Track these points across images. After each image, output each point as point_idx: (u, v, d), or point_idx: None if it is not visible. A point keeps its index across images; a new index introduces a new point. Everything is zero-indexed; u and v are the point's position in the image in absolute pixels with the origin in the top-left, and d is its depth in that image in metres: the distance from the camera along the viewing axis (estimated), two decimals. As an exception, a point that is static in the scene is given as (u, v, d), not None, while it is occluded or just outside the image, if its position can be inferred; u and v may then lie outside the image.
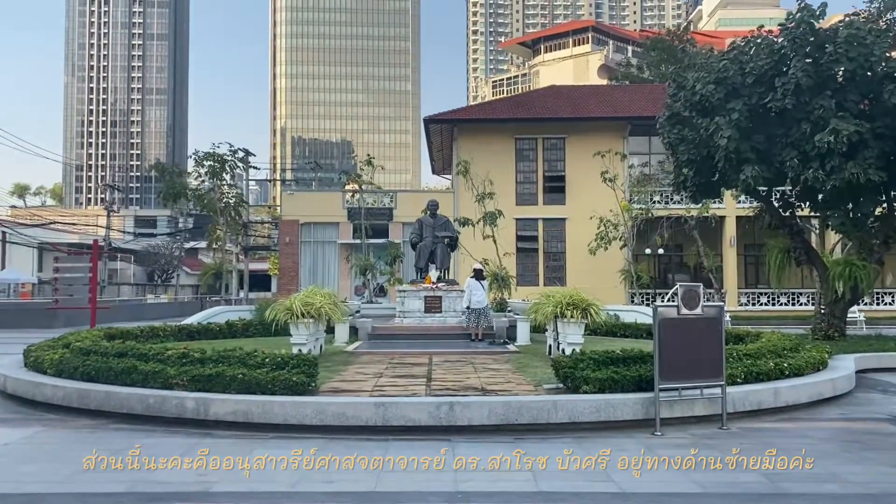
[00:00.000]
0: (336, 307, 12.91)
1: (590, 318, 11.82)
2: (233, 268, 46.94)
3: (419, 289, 17.97)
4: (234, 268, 46.49)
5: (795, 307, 34.92)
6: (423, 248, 18.80)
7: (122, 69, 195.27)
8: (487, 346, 15.15)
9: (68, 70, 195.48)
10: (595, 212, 31.02)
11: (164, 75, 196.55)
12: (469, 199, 25.38)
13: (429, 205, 19.63)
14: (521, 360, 12.73)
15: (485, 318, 16.30)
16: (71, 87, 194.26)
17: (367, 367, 11.63)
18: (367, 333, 16.47)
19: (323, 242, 34.77)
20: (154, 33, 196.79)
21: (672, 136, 17.69)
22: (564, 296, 12.12)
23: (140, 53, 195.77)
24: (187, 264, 79.72)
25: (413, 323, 17.62)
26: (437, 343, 15.62)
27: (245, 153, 45.38)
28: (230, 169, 34.60)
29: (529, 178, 35.47)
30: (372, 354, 13.64)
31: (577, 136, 34.87)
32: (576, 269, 34.01)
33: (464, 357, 13.27)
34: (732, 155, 16.23)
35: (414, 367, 11.62)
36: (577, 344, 11.98)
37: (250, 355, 9.22)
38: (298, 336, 11.96)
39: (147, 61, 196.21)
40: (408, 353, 13.76)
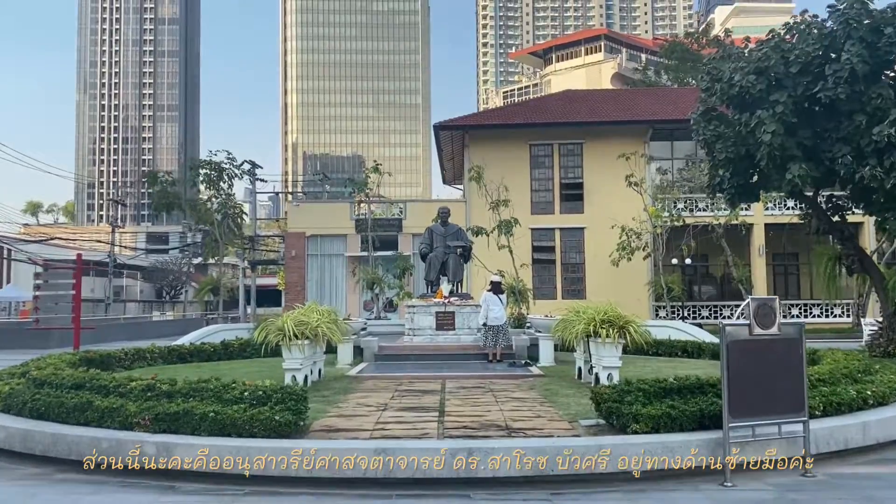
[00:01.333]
0: (336, 326, 11.35)
1: (628, 338, 10.18)
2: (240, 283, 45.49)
3: (430, 304, 16.38)
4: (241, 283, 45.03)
5: (830, 319, 33.04)
6: (434, 260, 17.22)
7: (134, 86, 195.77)
8: (507, 368, 13.52)
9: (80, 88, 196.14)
10: (616, 220, 29.40)
11: (176, 92, 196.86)
12: (482, 207, 23.85)
13: (440, 212, 18.08)
14: (548, 385, 11.10)
15: (503, 337, 14.69)
16: (83, 105, 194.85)
17: (371, 395, 10.03)
18: (374, 354, 14.88)
19: (330, 256, 33.27)
20: (165, 50, 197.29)
21: (707, 133, 16.04)
22: (598, 312, 10.50)
23: (151, 70, 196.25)
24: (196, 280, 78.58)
25: (423, 342, 16.02)
26: (451, 365, 14.02)
27: (252, 165, 44.10)
28: (228, 178, 33.11)
29: (545, 185, 33.86)
30: (377, 379, 12.04)
31: (595, 141, 33.26)
32: (595, 282, 32.33)
33: (481, 382, 11.65)
34: (776, 152, 14.57)
35: (424, 395, 10.02)
36: (613, 368, 10.34)
37: (227, 388, 7.64)
38: (292, 360, 10.39)
39: (158, 78, 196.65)
40: (418, 378, 12.15)
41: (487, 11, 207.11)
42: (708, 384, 7.69)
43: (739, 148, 15.92)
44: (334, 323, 11.55)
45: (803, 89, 14.63)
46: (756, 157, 15.30)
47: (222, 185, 32.97)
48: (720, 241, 29.70)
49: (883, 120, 13.45)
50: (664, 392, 7.45)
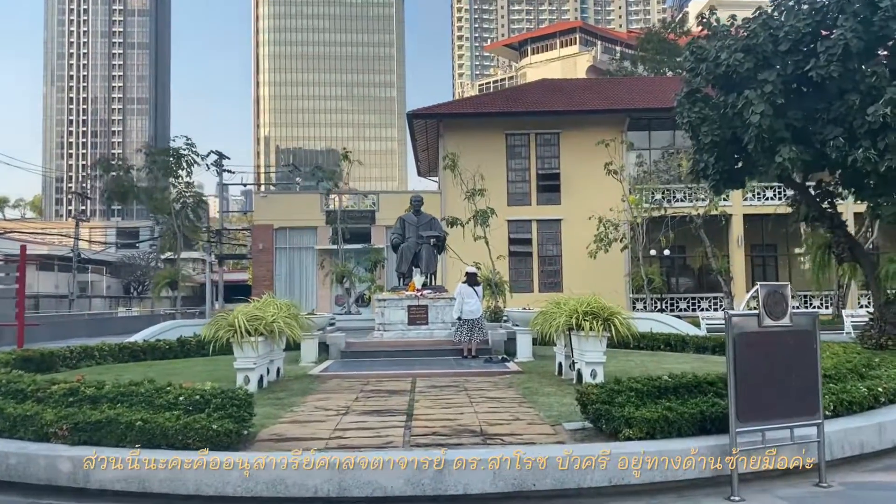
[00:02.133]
0: (295, 321, 10.36)
1: (613, 332, 9.33)
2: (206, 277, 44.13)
3: (401, 297, 15.44)
4: (208, 277, 43.68)
5: (809, 310, 32.50)
6: (406, 250, 16.28)
7: (103, 78, 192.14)
8: (483, 364, 12.63)
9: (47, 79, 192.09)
10: (593, 211, 28.64)
11: (146, 84, 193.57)
12: (457, 197, 22.94)
13: (412, 201, 17.14)
14: (527, 383, 10.22)
15: (479, 331, 13.80)
16: (50, 97, 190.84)
17: (332, 397, 9.08)
18: (340, 351, 13.92)
19: (300, 249, 32.12)
20: (135, 42, 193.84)
21: (692, 115, 15.24)
22: (580, 303, 9.63)
23: (121, 63, 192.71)
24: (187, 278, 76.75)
25: (394, 337, 15.09)
26: (423, 361, 13.10)
27: (218, 156, 42.74)
28: (187, 165, 31.63)
29: (522, 176, 33.00)
30: (342, 378, 11.09)
31: (572, 130, 32.47)
32: (573, 274, 31.60)
33: (455, 380, 10.74)
34: (765, 135, 13.81)
35: (392, 396, 9.08)
36: (597, 363, 9.49)
37: (160, 391, 6.64)
38: (244, 359, 9.39)
39: (128, 70, 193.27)
40: (386, 376, 11.22)
41: (462, 4, 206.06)
42: (706, 382, 6.85)
43: (725, 131, 15.16)
44: (294, 318, 10.56)
45: (793, 68, 13.89)
46: (743, 140, 14.55)
47: (180, 172, 31.47)
48: (699, 232, 29.05)
49: (878, 99, 12.73)
50: (659, 392, 6.59)
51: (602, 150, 31.39)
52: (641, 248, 27.30)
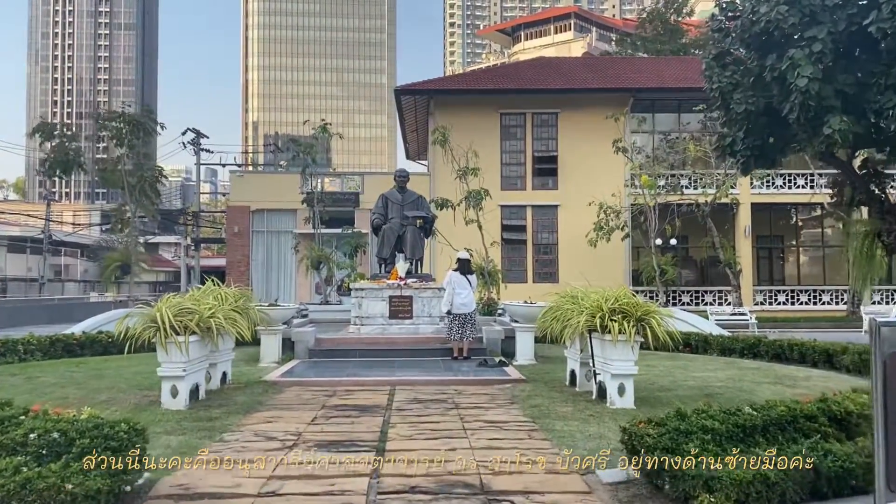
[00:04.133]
0: (240, 315, 8.23)
1: (649, 335, 7.25)
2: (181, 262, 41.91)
3: (382, 286, 13.32)
4: (183, 262, 41.46)
5: (818, 307, 30.72)
6: (388, 233, 14.14)
7: (89, 59, 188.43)
8: (477, 368, 10.54)
9: (31, 59, 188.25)
10: (593, 197, 26.58)
11: (132, 66, 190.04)
12: (448, 175, 20.78)
13: (396, 176, 14.98)
14: (534, 397, 8.14)
15: (472, 328, 11.71)
16: (34, 77, 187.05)
17: (283, 417, 6.96)
18: (308, 349, 11.78)
19: (278, 232, 29.88)
20: (122, 23, 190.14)
21: (723, 80, 13.12)
22: (604, 298, 7.55)
23: (107, 43, 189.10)
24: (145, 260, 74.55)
25: (373, 333, 12.98)
26: (405, 364, 11.01)
27: (196, 134, 40.45)
28: (145, 134, 29.05)
29: (517, 159, 30.85)
30: (303, 386, 8.97)
31: (572, 110, 30.32)
32: (569, 264, 29.51)
33: (444, 390, 8.66)
34: (811, 102, 11.71)
35: (361, 416, 6.98)
36: (626, 376, 7.42)
37: (7, 423, 4.49)
38: (171, 365, 7.26)
39: (114, 51, 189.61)
40: (359, 384, 9.11)
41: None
42: (804, 416, 4.78)
43: (759, 100, 13.09)
44: (243, 311, 8.44)
45: (846, 24, 11.78)
46: (781, 110, 12.48)
47: (136, 141, 28.92)
48: (706, 220, 27.04)
49: (952, 60, 10.70)
50: (744, 432, 4.51)
51: (603, 133, 29.36)
52: (654, 234, 25.18)
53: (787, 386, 9.28)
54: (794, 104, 11.97)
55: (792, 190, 30.95)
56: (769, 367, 11.36)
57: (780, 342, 12.30)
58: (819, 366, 11.33)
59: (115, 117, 28.44)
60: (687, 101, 29.88)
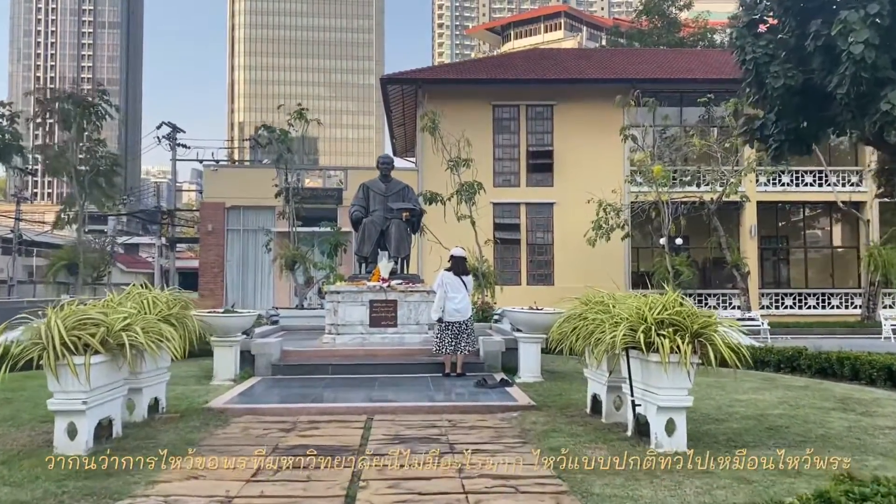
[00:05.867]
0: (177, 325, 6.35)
1: (711, 355, 5.43)
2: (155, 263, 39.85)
3: (362, 288, 11.43)
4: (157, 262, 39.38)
5: (827, 311, 29.06)
6: (370, 227, 12.25)
7: (72, 58, 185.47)
8: (474, 390, 8.67)
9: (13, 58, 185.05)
10: (591, 194, 24.82)
11: (116, 65, 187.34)
12: (437, 167, 18.98)
13: (379, 163, 13.09)
14: (552, 434, 6.28)
15: (468, 339, 9.85)
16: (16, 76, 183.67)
17: (214, 469, 5.07)
18: (270, 364, 9.87)
19: (255, 231, 27.88)
20: (106, 21, 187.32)
21: (757, 51, 11.38)
22: (648, 305, 5.71)
23: (91, 42, 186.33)
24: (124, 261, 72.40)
25: (351, 344, 11.09)
26: (387, 383, 9.13)
27: (172, 128, 38.43)
28: (97, 119, 26.74)
29: (510, 154, 29.01)
30: (255, 416, 7.07)
31: (568, 103, 28.55)
32: (566, 265, 27.80)
33: (434, 422, 6.79)
34: (864, 74, 10.00)
35: (322, 469, 5.10)
36: (678, 409, 5.59)
37: None
38: (64, 396, 5.36)
39: (98, 50, 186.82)
40: (327, 412, 7.23)
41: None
42: None
43: (798, 75, 11.36)
44: (178, 319, 6.54)
45: (906, -18, 10.12)
46: (826, 84, 10.74)
47: (86, 125, 26.65)
48: (711, 219, 25.30)
49: None
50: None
51: (601, 126, 27.74)
52: (666, 231, 23.37)
53: (861, 414, 7.49)
54: (844, 76, 10.22)
55: (800, 188, 29.33)
56: (819, 385, 9.57)
57: (827, 355, 10.52)
58: (878, 384, 9.55)
59: (63, 97, 26.03)
60: (690, 93, 28.25)
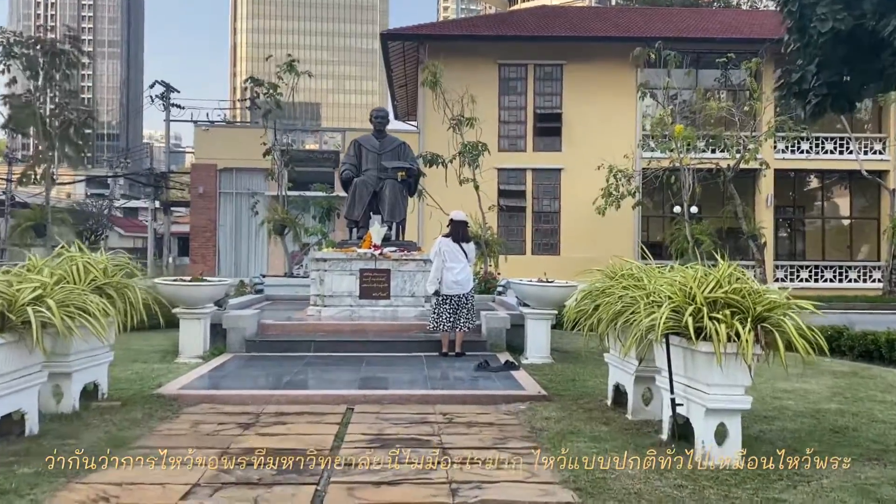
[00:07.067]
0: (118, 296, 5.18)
1: (779, 344, 4.23)
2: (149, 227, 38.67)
3: (350, 256, 10.23)
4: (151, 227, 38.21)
5: (844, 284, 27.87)
6: (361, 188, 11.00)
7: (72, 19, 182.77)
8: (475, 373, 7.50)
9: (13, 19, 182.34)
10: (602, 159, 23.47)
11: (117, 27, 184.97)
12: (439, 127, 17.66)
13: (373, 117, 11.79)
14: (569, 436, 5.11)
15: (468, 315, 8.67)
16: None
17: (135, 486, 3.92)
18: (244, 339, 8.70)
19: (249, 194, 26.61)
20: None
21: (802, -10, 10.01)
22: (696, 282, 4.52)
23: (90, 3, 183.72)
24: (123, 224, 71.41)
25: (337, 318, 9.92)
26: (376, 363, 7.98)
27: (165, 87, 36.97)
28: (67, 67, 25.27)
29: (516, 116, 27.60)
30: (213, 405, 5.92)
31: (578, 63, 27.07)
32: (573, 234, 26.59)
33: (425, 417, 5.63)
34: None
35: (275, 486, 3.95)
36: (733, 412, 4.41)
37: None
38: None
39: (98, 11, 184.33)
40: (299, 400, 6.08)
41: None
42: None
43: (847, 19, 10.01)
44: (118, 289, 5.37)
45: None
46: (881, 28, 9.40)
47: (55, 73, 25.21)
48: (728, 187, 23.96)
49: None
50: None
51: (613, 88, 26.42)
52: (687, 198, 21.98)
53: (933, 409, 6.32)
54: (907, 18, 8.88)
55: (819, 155, 27.96)
56: (868, 371, 8.39)
57: (874, 336, 9.33)
58: (935, 370, 8.40)
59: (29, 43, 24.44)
60: (707, 53, 26.72)
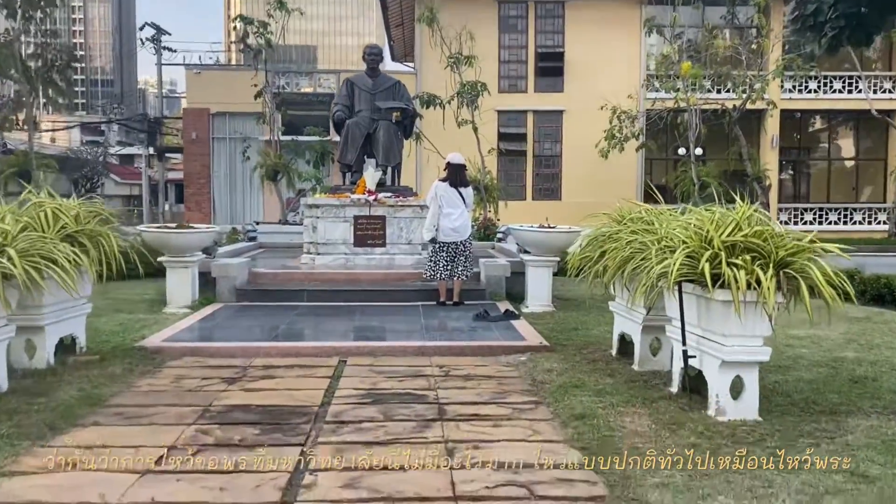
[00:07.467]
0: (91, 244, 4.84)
1: (803, 292, 3.89)
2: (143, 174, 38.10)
3: (345, 202, 9.85)
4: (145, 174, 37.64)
5: (849, 226, 27.52)
6: (354, 130, 10.54)
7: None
8: (474, 323, 7.20)
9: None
10: (605, 100, 22.85)
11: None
12: (436, 66, 17.06)
13: (366, 54, 11.25)
14: (573, 390, 4.81)
15: (465, 262, 8.32)
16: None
17: (107, 448, 3.63)
18: (234, 288, 8.38)
19: (243, 139, 26.03)
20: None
21: (821, -87, 9.43)
22: (713, 224, 4.16)
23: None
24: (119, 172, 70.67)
25: (331, 266, 9.60)
26: (371, 312, 7.68)
27: (156, 29, 35.98)
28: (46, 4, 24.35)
29: (517, 55, 26.81)
30: (197, 359, 5.62)
31: (581, 0, 26.21)
32: (574, 179, 26.12)
33: (421, 370, 5.35)
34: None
35: (258, 447, 3.66)
36: (750, 364, 4.10)
37: None
38: None
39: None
40: (287, 356, 5.79)
41: None
42: None
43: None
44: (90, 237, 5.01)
45: None
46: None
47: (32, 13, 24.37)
48: (734, 128, 23.39)
49: None
50: None
51: (616, 27, 25.69)
52: (694, 139, 21.41)
53: (954, 358, 6.03)
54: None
55: (827, 95, 27.25)
56: (881, 316, 8.08)
57: (887, 280, 9.01)
58: (950, 316, 8.10)
59: None
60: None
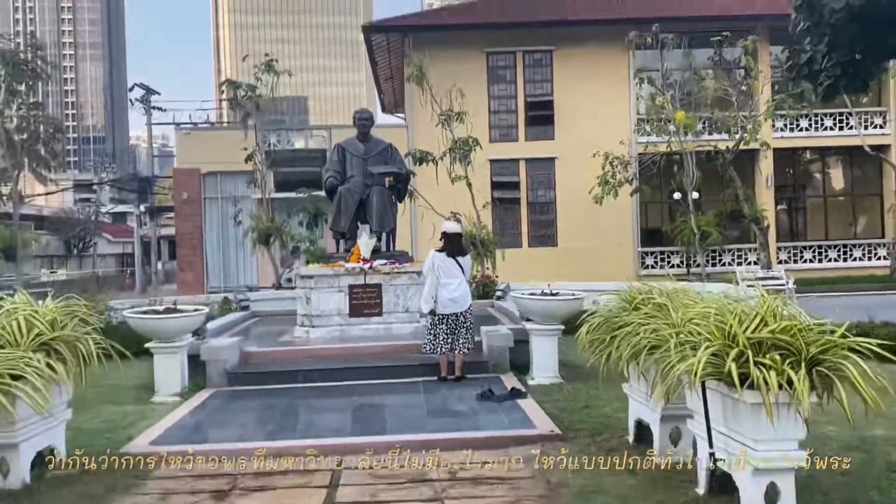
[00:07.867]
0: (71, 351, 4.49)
1: (839, 391, 3.55)
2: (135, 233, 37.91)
3: (339, 271, 9.53)
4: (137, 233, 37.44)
5: (849, 263, 27.31)
6: (347, 196, 10.28)
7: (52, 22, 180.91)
8: (478, 406, 6.82)
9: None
10: (596, 147, 22.79)
11: (98, 28, 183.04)
12: (427, 123, 16.96)
13: (356, 119, 11.06)
14: (591, 491, 4.43)
15: (466, 334, 7.96)
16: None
17: None
18: (225, 372, 7.99)
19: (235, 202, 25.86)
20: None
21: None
22: (737, 319, 3.83)
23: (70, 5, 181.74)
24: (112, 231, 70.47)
25: (327, 339, 9.24)
26: (369, 392, 7.29)
27: (146, 90, 36.17)
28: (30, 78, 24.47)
29: (507, 105, 26.88)
30: (184, 468, 5.22)
31: (568, 48, 26.33)
32: (569, 225, 25.94)
33: (426, 475, 4.95)
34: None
35: None
36: (786, 471, 3.74)
37: None
38: None
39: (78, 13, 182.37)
40: (282, 457, 5.40)
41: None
42: None
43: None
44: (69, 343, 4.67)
45: None
46: None
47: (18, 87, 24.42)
48: (728, 169, 23.31)
49: None
50: None
51: (605, 73, 25.84)
52: (693, 184, 21.32)
53: None
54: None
55: (819, 133, 27.33)
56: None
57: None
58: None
59: None
60: (700, 34, 25.90)
